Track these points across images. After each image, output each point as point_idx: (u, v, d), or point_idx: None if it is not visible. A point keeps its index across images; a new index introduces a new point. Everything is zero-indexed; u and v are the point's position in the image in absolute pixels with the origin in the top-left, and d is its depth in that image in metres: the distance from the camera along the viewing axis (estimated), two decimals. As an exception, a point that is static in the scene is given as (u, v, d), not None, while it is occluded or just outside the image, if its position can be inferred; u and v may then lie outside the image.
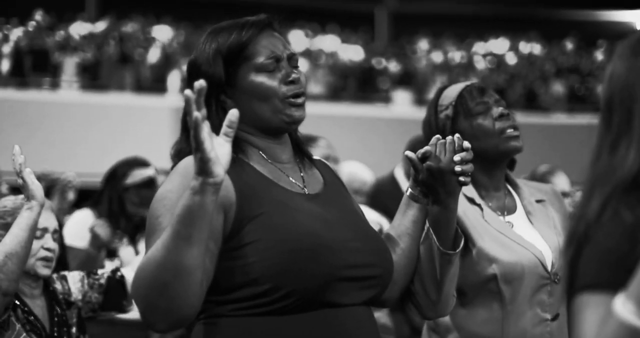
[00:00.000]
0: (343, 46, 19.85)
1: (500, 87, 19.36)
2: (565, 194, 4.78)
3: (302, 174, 2.03)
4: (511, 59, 21.08)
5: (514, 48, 21.69)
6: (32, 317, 2.91)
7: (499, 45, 21.74)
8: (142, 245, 4.50)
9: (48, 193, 6.32)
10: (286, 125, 1.99)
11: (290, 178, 1.99)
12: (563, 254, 1.38)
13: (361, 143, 15.78)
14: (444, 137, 2.09)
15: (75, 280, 3.11)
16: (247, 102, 1.96)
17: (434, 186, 2.06)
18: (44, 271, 2.98)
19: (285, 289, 1.80)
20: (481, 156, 2.50)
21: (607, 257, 1.27)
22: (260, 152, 1.99)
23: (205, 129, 1.61)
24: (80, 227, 4.43)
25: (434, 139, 2.07)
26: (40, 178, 6.51)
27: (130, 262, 4.25)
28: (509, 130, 2.55)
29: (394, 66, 19.35)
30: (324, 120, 15.50)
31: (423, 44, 21.11)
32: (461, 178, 2.04)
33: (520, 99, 19.41)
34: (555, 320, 2.50)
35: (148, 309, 1.70)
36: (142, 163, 4.69)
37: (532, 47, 21.85)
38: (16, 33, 16.53)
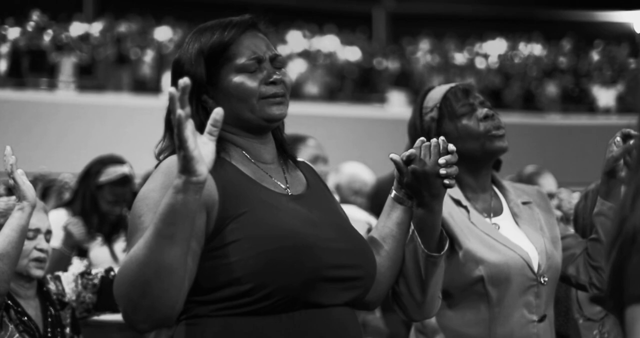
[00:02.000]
0: (341, 47, 19.86)
1: (497, 88, 19.38)
2: (551, 195, 4.78)
3: (285, 175, 2.03)
4: (509, 60, 21.08)
5: (512, 48, 21.70)
6: (25, 318, 2.91)
7: (496, 45, 21.75)
8: (118, 246, 4.45)
9: (45, 194, 6.33)
10: (265, 123, 1.98)
11: (274, 179, 1.99)
12: (605, 255, 1.36)
13: (357, 143, 15.79)
14: (429, 140, 2.08)
15: (69, 281, 3.11)
16: (228, 102, 1.96)
17: (419, 189, 2.05)
18: (37, 272, 2.98)
19: (268, 288, 1.80)
20: (467, 157, 2.50)
21: None
22: (244, 152, 1.99)
23: (189, 126, 1.60)
24: (55, 227, 4.38)
25: (418, 142, 2.06)
26: (37, 179, 6.53)
27: (102, 262, 4.21)
28: (494, 131, 2.55)
29: (390, 67, 19.36)
30: (321, 120, 15.52)
31: (420, 45, 21.12)
32: (446, 181, 2.02)
33: (517, 100, 19.42)
34: (542, 321, 2.50)
35: (130, 308, 1.69)
36: (116, 160, 4.60)
37: (530, 48, 21.86)
38: (13, 33, 16.53)
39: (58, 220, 4.41)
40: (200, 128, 1.71)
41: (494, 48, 21.67)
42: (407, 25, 22.40)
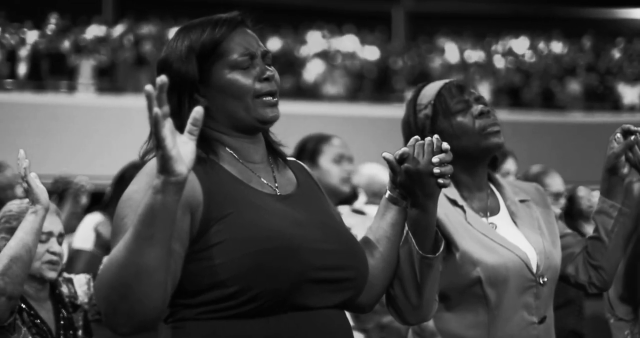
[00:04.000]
0: (360, 47, 19.84)
1: (516, 86, 19.30)
2: (559, 195, 4.73)
3: (274, 175, 1.98)
4: (529, 58, 21.00)
5: (532, 47, 21.61)
6: (38, 320, 2.93)
7: (518, 44, 21.67)
8: None
9: (61, 197, 6.35)
10: (259, 124, 1.95)
11: (262, 179, 1.94)
12: (630, 254, 1.35)
13: (378, 143, 15.75)
14: (423, 137, 2.04)
15: (81, 283, 3.12)
16: (221, 100, 1.93)
17: (412, 188, 2.01)
18: (50, 274, 2.99)
19: (254, 291, 1.76)
20: (462, 155, 2.44)
21: None
22: (232, 152, 1.95)
23: (167, 125, 1.56)
24: (90, 231, 4.41)
25: (412, 140, 2.02)
26: (57, 181, 6.56)
27: None
28: (490, 127, 2.48)
29: (409, 66, 19.33)
30: (341, 121, 15.51)
31: (439, 43, 21.08)
32: (440, 181, 1.98)
33: (536, 98, 19.33)
34: (542, 323, 2.45)
35: (110, 311, 1.65)
36: None
37: (550, 46, 21.76)
38: (33, 36, 16.62)
39: (93, 224, 4.45)
40: None
41: (516, 46, 21.58)
42: (426, 24, 22.36)
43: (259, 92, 1.93)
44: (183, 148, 1.60)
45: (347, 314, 2.02)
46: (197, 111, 1.61)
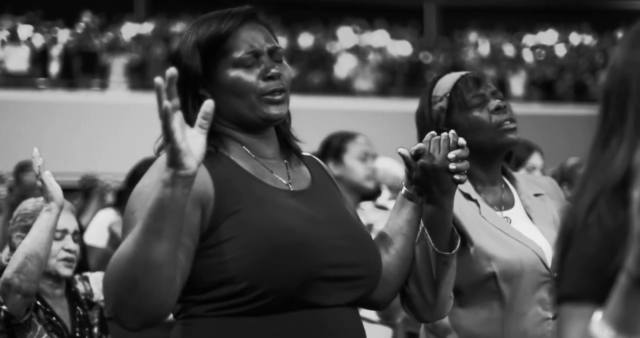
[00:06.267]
0: (391, 41, 19.77)
1: (549, 79, 19.14)
2: None
3: (288, 170, 1.95)
4: (561, 51, 20.83)
5: (563, 39, 21.43)
6: (53, 318, 2.95)
7: (549, 36, 21.50)
8: None
9: (88, 195, 6.40)
10: (263, 122, 1.91)
11: (275, 174, 1.91)
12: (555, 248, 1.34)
13: (409, 138, 15.69)
14: (437, 130, 1.99)
15: (97, 281, 3.13)
16: (225, 97, 1.89)
17: (428, 184, 1.97)
18: (66, 271, 3.01)
19: (262, 288, 1.74)
20: (477, 150, 2.37)
21: (587, 265, 1.22)
22: (244, 148, 1.92)
23: (177, 118, 1.54)
24: (102, 227, 4.41)
25: (428, 136, 1.98)
26: (83, 179, 6.59)
27: None
28: (506, 123, 2.42)
29: (442, 60, 19.25)
30: (372, 116, 15.47)
31: (472, 38, 20.97)
32: (456, 177, 1.94)
33: (569, 91, 19.17)
34: (556, 318, 2.41)
35: (118, 306, 1.63)
36: None
37: (582, 38, 21.57)
38: (64, 35, 16.74)
39: (106, 221, 4.45)
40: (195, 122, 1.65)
41: (546, 39, 21.42)
42: (458, 18, 22.25)
43: (263, 91, 1.89)
44: (193, 142, 1.58)
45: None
46: (208, 105, 1.58)
